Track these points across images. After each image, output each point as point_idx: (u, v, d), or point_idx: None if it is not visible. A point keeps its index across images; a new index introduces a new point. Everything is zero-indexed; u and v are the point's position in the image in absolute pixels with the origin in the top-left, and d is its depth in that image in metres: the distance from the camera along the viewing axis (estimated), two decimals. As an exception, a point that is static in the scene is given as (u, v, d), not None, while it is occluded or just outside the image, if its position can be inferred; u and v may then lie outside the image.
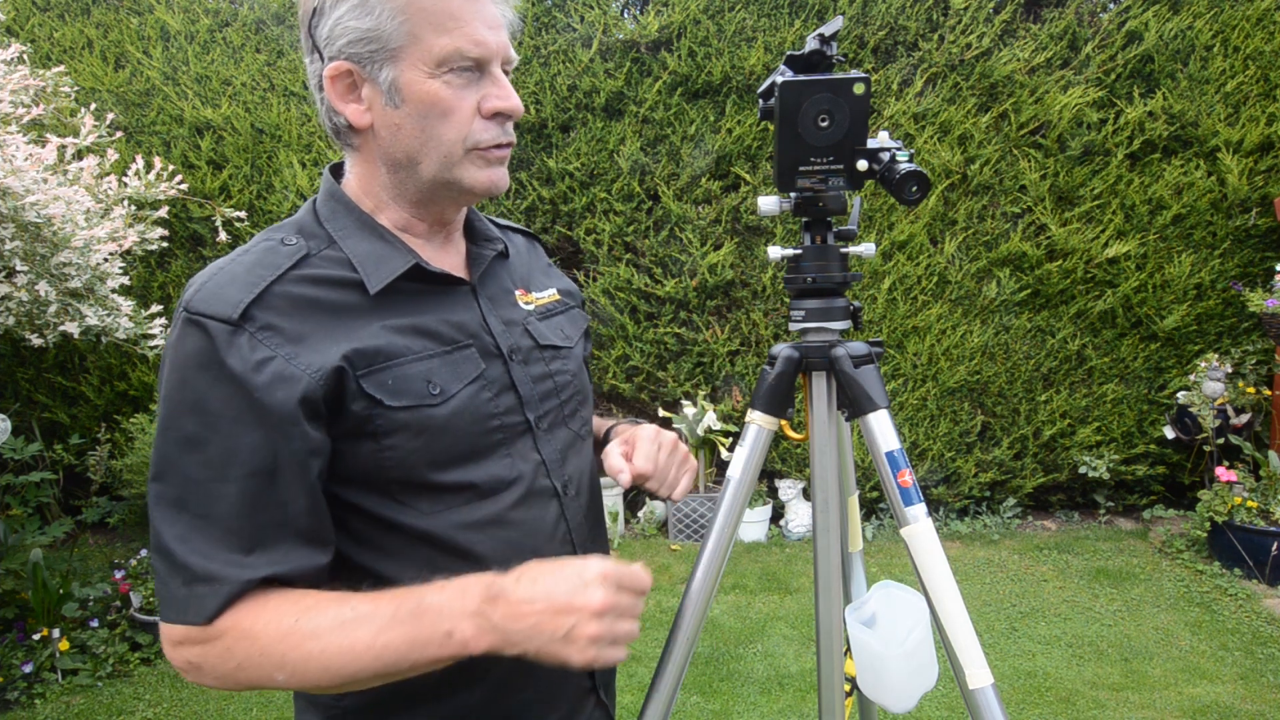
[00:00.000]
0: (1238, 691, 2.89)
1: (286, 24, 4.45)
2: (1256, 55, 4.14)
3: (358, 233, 0.85)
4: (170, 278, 4.48)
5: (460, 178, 0.84)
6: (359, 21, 0.79)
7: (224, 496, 0.75)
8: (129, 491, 3.57)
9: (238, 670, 0.75)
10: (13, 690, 3.05)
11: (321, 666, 0.73)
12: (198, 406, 0.75)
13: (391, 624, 0.73)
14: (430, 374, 0.82)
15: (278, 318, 0.77)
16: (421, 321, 0.84)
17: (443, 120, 0.81)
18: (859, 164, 0.82)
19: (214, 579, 0.74)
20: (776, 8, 4.30)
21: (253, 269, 0.79)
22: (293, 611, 0.74)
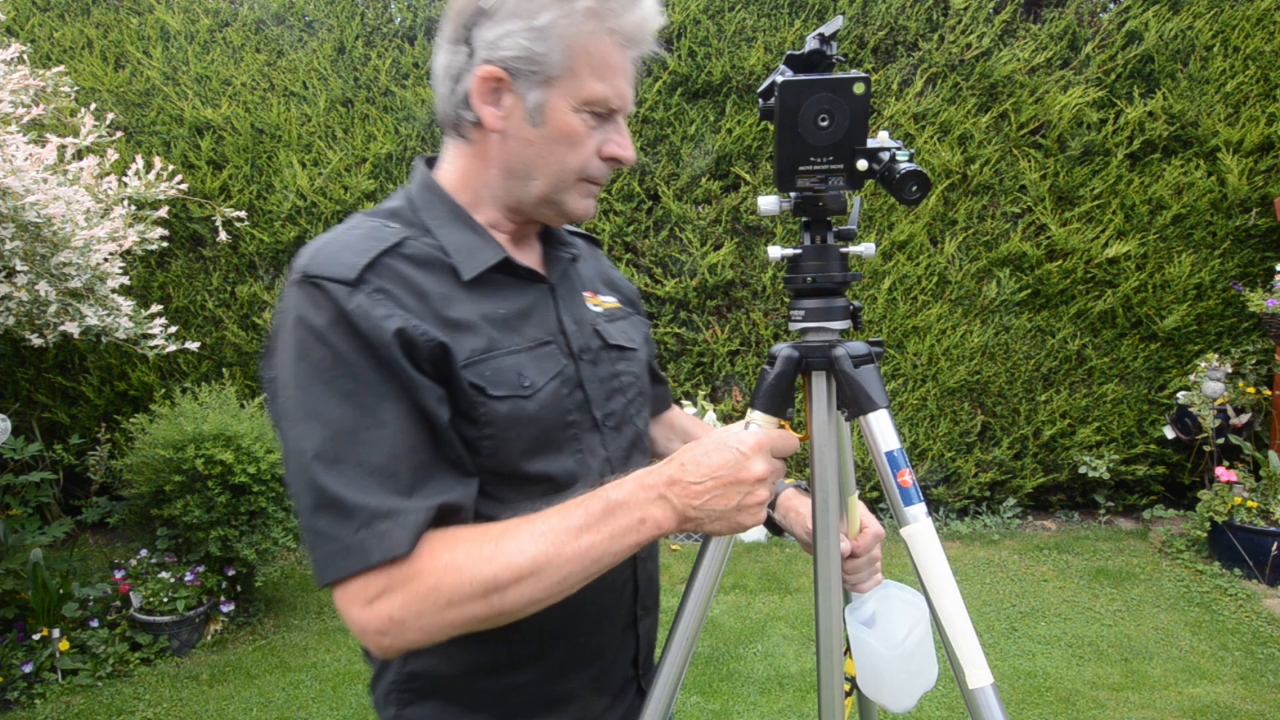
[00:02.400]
0: (1238, 691, 2.89)
1: (286, 24, 4.45)
2: (1256, 55, 4.14)
3: (451, 223, 0.90)
4: (170, 278, 4.48)
5: (565, 200, 0.91)
6: (531, 43, 0.84)
7: (381, 446, 0.76)
8: (129, 491, 3.57)
9: (448, 607, 0.75)
10: (13, 690, 3.05)
11: (535, 579, 0.75)
12: (336, 365, 0.77)
13: (587, 526, 0.77)
14: (520, 367, 0.87)
15: (389, 284, 0.81)
16: (509, 316, 0.89)
17: (570, 150, 0.88)
18: (859, 164, 0.82)
19: (394, 513, 0.75)
20: (776, 8, 4.30)
21: (363, 240, 0.83)
22: (486, 538, 0.76)
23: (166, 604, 3.40)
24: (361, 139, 4.42)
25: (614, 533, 0.77)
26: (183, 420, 3.42)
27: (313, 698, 3.07)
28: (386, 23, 4.45)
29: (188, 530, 3.44)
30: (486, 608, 0.75)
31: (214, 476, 3.33)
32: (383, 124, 4.41)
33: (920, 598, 0.98)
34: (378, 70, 4.40)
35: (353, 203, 4.39)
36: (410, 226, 0.88)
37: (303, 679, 3.21)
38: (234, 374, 4.49)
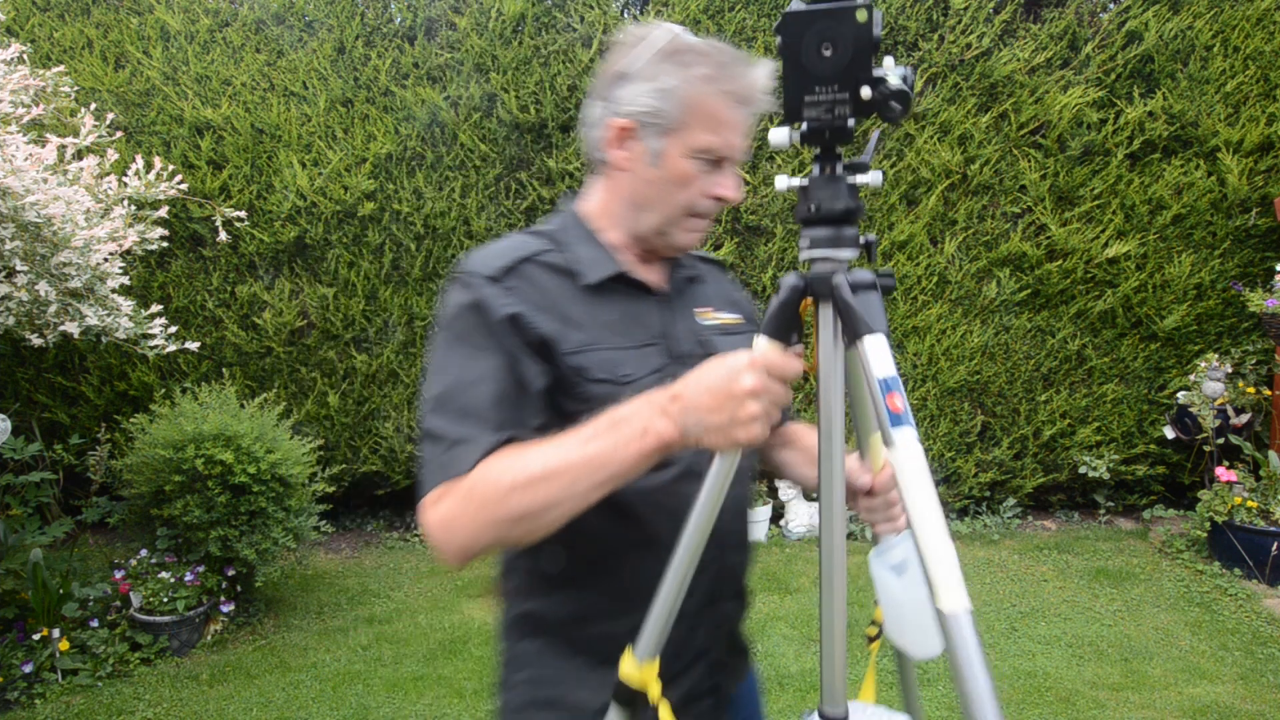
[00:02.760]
0: (1238, 691, 2.89)
1: (286, 24, 4.45)
2: (1256, 55, 4.14)
3: (583, 242, 1.09)
4: (170, 278, 4.48)
5: (672, 232, 1.08)
6: (654, 101, 1.02)
7: (478, 395, 0.96)
8: (129, 491, 3.57)
9: (480, 508, 0.89)
10: (13, 690, 3.05)
11: (546, 483, 0.87)
12: (463, 336, 1.00)
13: (594, 436, 0.88)
14: (619, 361, 1.03)
15: (520, 284, 1.02)
16: (619, 320, 1.06)
17: (680, 190, 1.05)
18: (863, 91, 0.82)
19: (469, 441, 0.93)
20: (776, 7, 4.30)
21: (508, 249, 1.05)
22: (515, 454, 0.92)
23: (166, 604, 3.40)
24: (361, 139, 4.42)
25: (618, 441, 0.86)
26: (183, 420, 3.43)
27: (313, 698, 3.07)
28: (386, 23, 4.45)
29: (188, 530, 3.44)
30: (509, 508, 0.88)
31: (214, 476, 3.33)
32: (383, 124, 4.41)
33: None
34: (378, 70, 4.40)
35: (353, 203, 4.39)
36: (552, 243, 1.08)
37: (303, 679, 3.21)
38: (234, 374, 4.49)
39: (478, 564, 3.22)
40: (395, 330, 4.57)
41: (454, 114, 4.40)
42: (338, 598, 3.96)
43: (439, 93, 4.40)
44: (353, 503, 4.95)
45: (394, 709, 2.98)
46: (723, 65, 1.02)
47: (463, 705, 2.99)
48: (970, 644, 0.75)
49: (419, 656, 3.37)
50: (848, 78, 0.81)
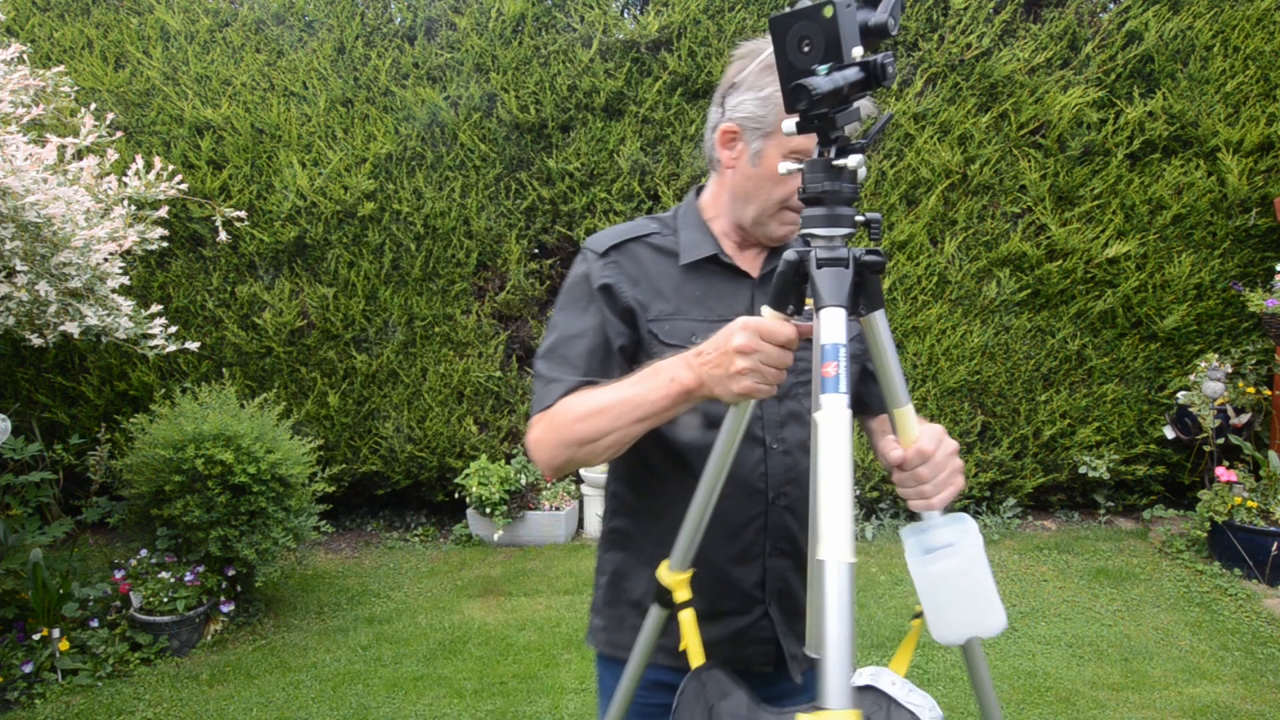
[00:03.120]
0: (1238, 691, 2.89)
1: (286, 24, 4.45)
2: (1256, 55, 4.14)
3: (692, 228, 1.28)
4: (170, 278, 4.48)
5: (767, 224, 1.22)
6: (756, 108, 1.17)
7: (574, 348, 1.21)
8: (129, 491, 3.57)
9: (555, 433, 1.15)
10: (13, 690, 3.05)
11: (600, 415, 1.10)
12: (572, 299, 1.25)
13: (638, 381, 1.09)
14: (695, 330, 1.19)
15: (624, 259, 1.24)
16: (704, 296, 1.24)
17: (775, 186, 1.18)
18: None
19: (559, 381, 1.19)
20: (776, 7, 4.30)
21: (623, 230, 1.28)
22: (585, 393, 1.16)
23: (166, 604, 3.40)
24: (361, 139, 4.42)
25: (653, 386, 1.06)
26: (183, 420, 3.42)
27: (313, 698, 3.07)
28: (386, 23, 4.45)
29: (188, 530, 3.44)
30: (573, 433, 1.12)
31: (214, 476, 3.33)
32: (383, 124, 4.41)
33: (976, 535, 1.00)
34: (378, 70, 4.40)
35: (353, 203, 4.39)
36: (665, 226, 1.29)
37: (303, 679, 3.21)
38: (234, 374, 4.49)
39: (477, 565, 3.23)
40: (395, 330, 4.57)
41: (454, 114, 4.40)
42: (338, 598, 3.96)
43: (439, 93, 4.40)
44: (353, 503, 4.95)
45: (394, 709, 2.98)
46: None
47: (463, 705, 2.99)
48: (843, 593, 0.80)
49: (419, 656, 3.37)
50: (805, 63, 0.90)
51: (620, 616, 1.32)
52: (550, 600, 3.85)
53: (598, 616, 1.37)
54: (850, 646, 0.79)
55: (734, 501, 1.20)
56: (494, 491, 4.42)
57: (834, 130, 0.94)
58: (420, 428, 4.62)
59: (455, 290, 4.57)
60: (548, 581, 4.06)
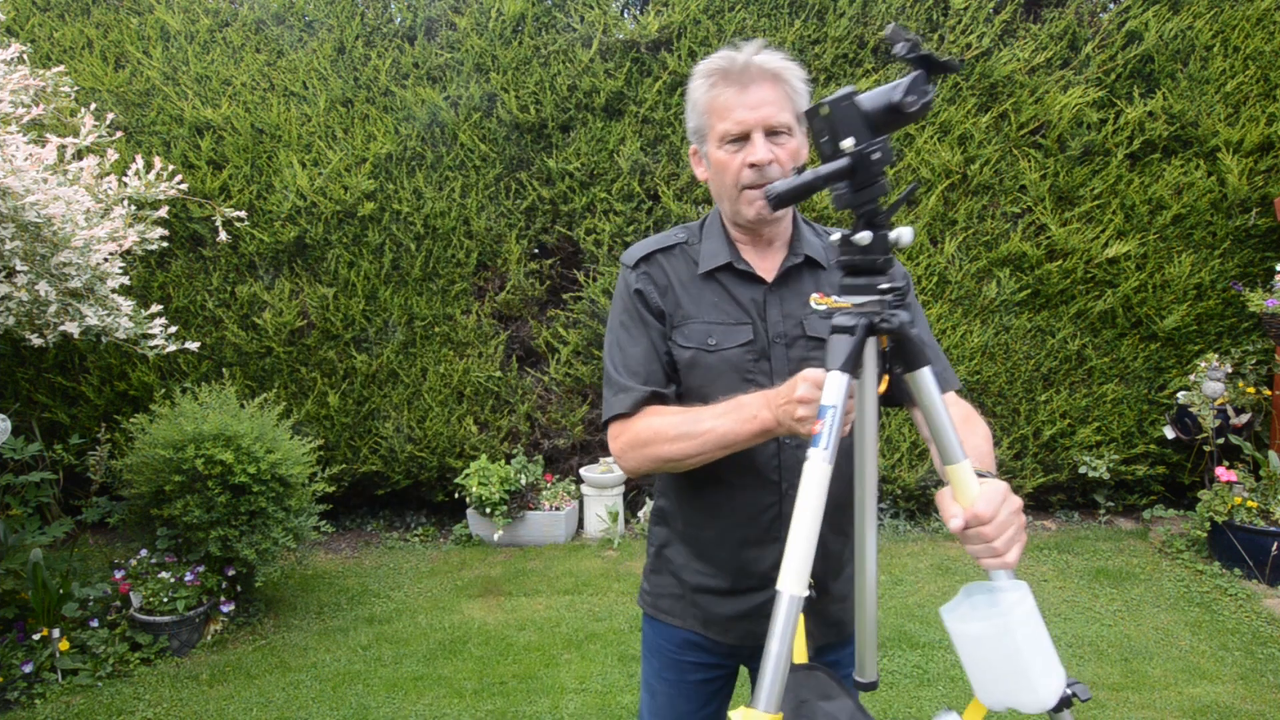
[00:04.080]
0: (1238, 691, 2.89)
1: (286, 24, 4.45)
2: (1256, 55, 4.14)
3: (713, 235, 1.40)
4: (170, 278, 4.48)
5: (738, 209, 1.33)
6: (690, 121, 1.36)
7: (632, 354, 1.37)
8: (129, 491, 3.57)
9: (643, 449, 1.31)
10: (13, 690, 3.05)
11: (688, 440, 1.25)
12: (619, 308, 1.41)
13: (723, 413, 1.22)
14: (711, 333, 1.35)
15: (652, 269, 1.39)
16: (721, 301, 1.36)
17: (724, 173, 1.31)
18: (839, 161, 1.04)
19: (627, 390, 1.35)
20: (776, 8, 4.30)
21: (654, 241, 1.42)
22: (671, 413, 1.31)
23: (166, 604, 3.40)
24: (361, 139, 4.42)
25: (738, 420, 1.19)
26: (183, 420, 3.42)
27: (313, 698, 3.07)
28: (386, 23, 4.45)
29: (188, 530, 3.44)
30: (662, 453, 1.28)
31: (214, 476, 3.33)
32: (383, 124, 4.41)
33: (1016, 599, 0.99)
34: (378, 70, 4.40)
35: (353, 203, 4.39)
36: (693, 235, 1.41)
37: (303, 679, 3.21)
38: (234, 374, 4.49)
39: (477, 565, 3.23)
40: (395, 330, 4.57)
41: (454, 114, 4.40)
42: (338, 598, 3.96)
43: (439, 93, 4.40)
44: (353, 503, 4.95)
45: (394, 709, 2.98)
46: (714, 65, 1.28)
47: (463, 705, 2.99)
48: (789, 620, 0.95)
49: (419, 656, 3.37)
50: (827, 155, 1.04)
51: (663, 584, 1.50)
52: (550, 600, 3.85)
53: (646, 581, 1.56)
54: (785, 663, 0.95)
55: (751, 491, 1.35)
56: (494, 491, 4.42)
57: (863, 205, 1.05)
58: (420, 428, 4.62)
59: (455, 290, 4.57)
60: (548, 581, 4.06)
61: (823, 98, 1.02)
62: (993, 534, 0.97)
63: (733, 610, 1.42)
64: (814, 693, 1.10)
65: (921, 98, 0.96)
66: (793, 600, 0.95)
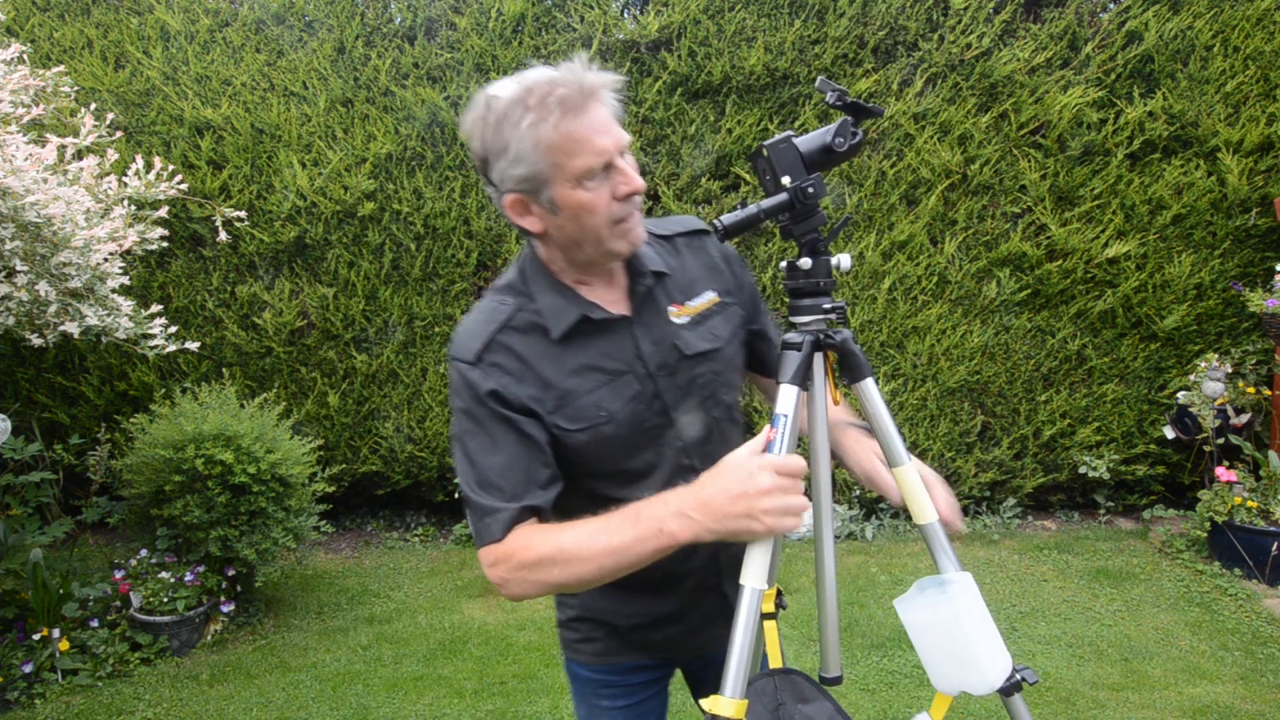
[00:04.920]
0: (1238, 691, 2.89)
1: (286, 24, 4.45)
2: (1256, 55, 4.14)
3: (548, 290, 1.18)
4: (170, 278, 4.48)
5: (611, 248, 1.15)
6: (515, 170, 1.09)
7: (489, 466, 1.12)
8: (129, 491, 3.57)
9: (529, 573, 1.09)
10: (13, 690, 3.05)
11: (581, 562, 1.05)
12: (467, 413, 1.15)
13: (621, 528, 1.04)
14: (600, 402, 1.17)
15: (500, 358, 1.15)
16: (592, 359, 1.18)
17: (591, 215, 1.11)
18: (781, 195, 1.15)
19: (495, 512, 1.11)
20: (776, 8, 4.30)
21: (483, 324, 1.17)
22: (556, 532, 1.09)
23: (166, 604, 3.40)
24: (361, 139, 4.42)
25: (639, 537, 1.03)
26: (183, 420, 3.43)
27: (313, 698, 3.07)
28: (386, 23, 4.45)
29: (188, 530, 3.45)
30: (549, 579, 1.08)
31: (214, 476, 3.33)
32: (383, 124, 4.41)
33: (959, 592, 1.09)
34: (378, 70, 4.40)
35: (353, 203, 4.39)
36: (520, 296, 1.19)
37: (303, 679, 3.21)
38: (234, 374, 4.49)
39: (477, 565, 3.18)
40: (395, 330, 4.57)
41: (454, 114, 4.40)
42: (338, 598, 3.96)
43: (439, 93, 4.40)
44: (353, 503, 4.95)
45: (394, 709, 2.98)
46: (542, 103, 1.05)
47: (463, 705, 2.99)
48: (752, 611, 1.03)
49: (419, 656, 3.37)
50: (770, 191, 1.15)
51: (592, 631, 1.40)
52: (550, 599, 3.85)
53: (567, 630, 1.45)
54: (748, 652, 1.02)
55: None
56: (494, 491, 4.41)
57: (804, 235, 1.13)
58: (420, 428, 4.62)
59: (455, 290, 4.57)
60: (548, 581, 4.05)
61: (762, 141, 1.11)
62: (958, 527, 1.15)
63: (669, 634, 1.37)
64: (792, 696, 1.16)
65: (850, 140, 1.10)
66: (754, 593, 1.03)
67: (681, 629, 1.36)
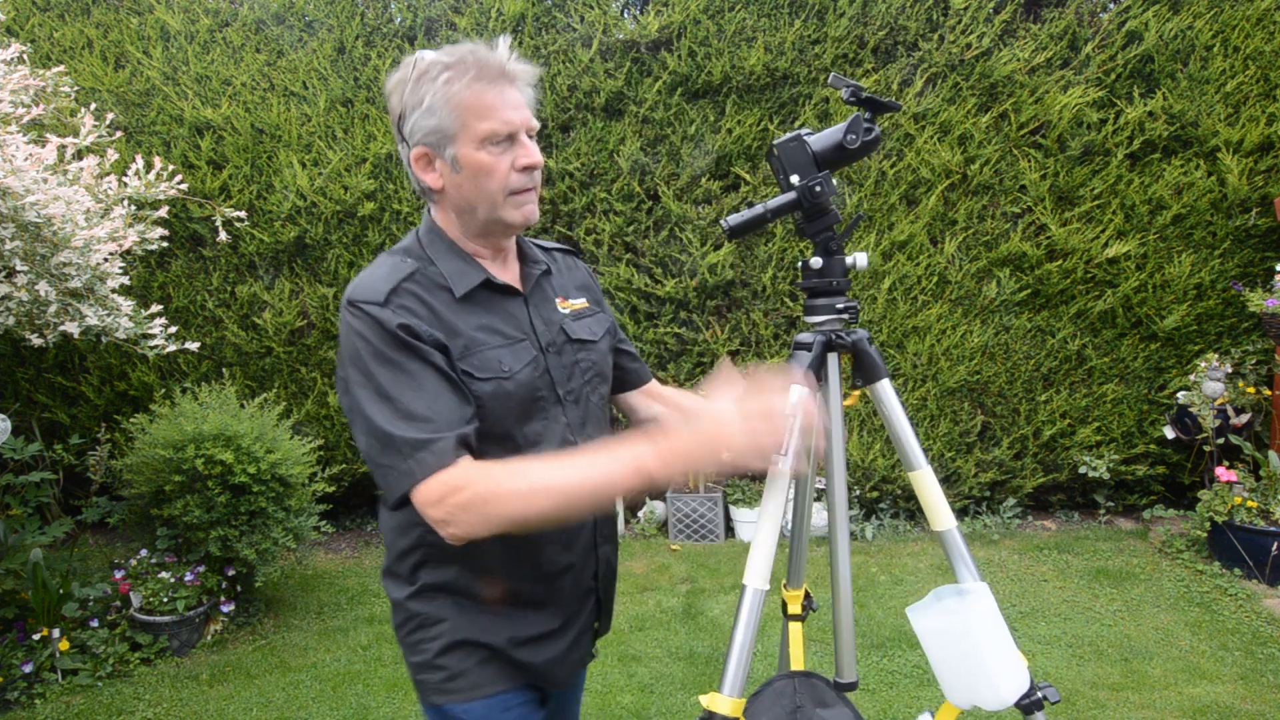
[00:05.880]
0: (1238, 691, 2.89)
1: (286, 24, 4.45)
2: (1256, 55, 4.14)
3: (448, 255, 1.22)
4: (170, 278, 4.48)
5: (503, 215, 1.19)
6: (426, 121, 1.15)
7: (413, 400, 1.09)
8: (129, 491, 3.57)
9: (485, 504, 1.04)
10: (13, 690, 3.05)
11: (549, 495, 1.04)
12: (379, 356, 1.10)
13: (594, 462, 1.05)
14: (501, 358, 1.18)
15: (407, 301, 1.14)
16: (492, 322, 1.21)
17: (488, 178, 1.16)
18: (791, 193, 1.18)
19: (430, 441, 1.06)
20: (776, 8, 4.30)
21: (387, 275, 1.17)
22: (521, 468, 1.08)
23: (166, 604, 3.40)
24: (361, 139, 4.42)
25: (613, 470, 1.04)
26: (183, 420, 3.42)
27: (313, 698, 3.07)
28: (386, 23, 4.45)
29: (188, 530, 3.44)
30: (507, 509, 1.04)
31: (214, 476, 3.33)
32: (383, 124, 4.41)
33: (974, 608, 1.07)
34: (378, 70, 4.40)
35: (353, 203, 4.39)
36: (419, 259, 1.20)
37: (303, 679, 3.21)
38: (234, 374, 4.49)
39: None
40: (395, 330, 4.56)
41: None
42: (338, 598, 3.96)
43: (439, 93, 4.39)
44: (353, 503, 4.95)
45: (394, 709, 2.98)
46: (461, 61, 1.13)
47: (463, 705, 2.99)
48: (753, 610, 1.05)
49: (419, 656, 3.36)
50: (783, 190, 1.16)
51: (464, 659, 1.26)
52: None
53: (433, 671, 1.27)
54: (748, 650, 1.04)
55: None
56: (494, 491, 4.41)
57: (818, 234, 1.14)
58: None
59: (455, 290, 4.56)
60: (548, 581, 4.05)
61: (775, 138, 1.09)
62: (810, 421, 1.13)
63: (557, 650, 1.30)
64: (811, 699, 1.14)
65: (863, 136, 1.10)
66: (755, 594, 1.05)
67: (561, 647, 1.30)
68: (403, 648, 1.31)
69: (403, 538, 1.25)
